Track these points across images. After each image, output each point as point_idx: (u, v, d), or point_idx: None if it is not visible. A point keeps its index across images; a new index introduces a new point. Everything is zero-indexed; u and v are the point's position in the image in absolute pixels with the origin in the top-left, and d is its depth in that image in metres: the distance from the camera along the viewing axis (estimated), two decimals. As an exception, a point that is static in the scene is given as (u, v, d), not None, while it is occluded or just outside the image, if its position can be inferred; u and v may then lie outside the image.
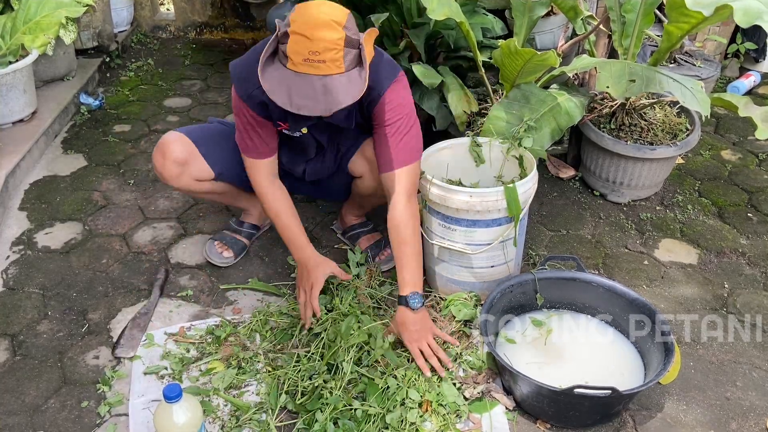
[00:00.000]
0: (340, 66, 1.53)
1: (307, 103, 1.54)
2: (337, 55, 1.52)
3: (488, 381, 1.80)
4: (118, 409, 1.76)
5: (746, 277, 2.27)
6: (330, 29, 1.51)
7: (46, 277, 2.24)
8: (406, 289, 1.82)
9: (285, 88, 1.54)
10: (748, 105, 2.23)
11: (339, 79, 1.54)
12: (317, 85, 1.53)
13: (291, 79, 1.54)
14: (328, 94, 1.53)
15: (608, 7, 2.50)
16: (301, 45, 1.51)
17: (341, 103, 1.54)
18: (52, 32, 2.89)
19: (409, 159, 1.85)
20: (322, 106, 1.54)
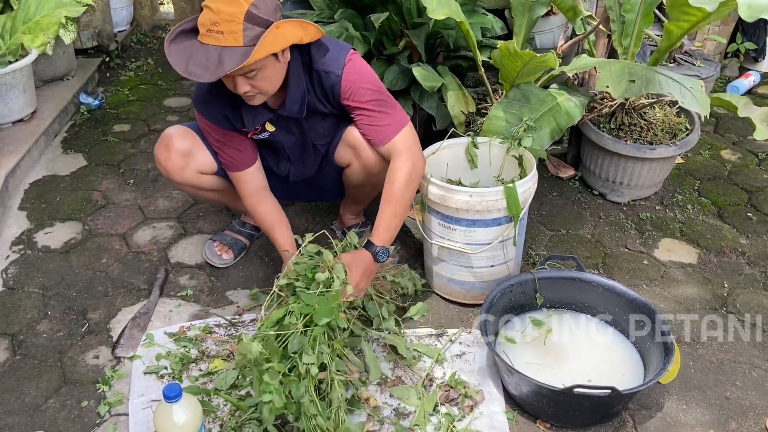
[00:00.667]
0: (239, 39, 1.56)
1: (197, 71, 1.59)
2: (235, 27, 1.55)
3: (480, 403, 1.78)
4: (118, 409, 1.76)
5: (746, 276, 2.28)
6: (231, 3, 1.55)
7: (46, 276, 2.24)
8: (378, 241, 1.85)
9: (186, 57, 1.61)
10: (747, 105, 2.23)
11: (234, 51, 1.57)
12: (213, 55, 1.58)
13: (194, 48, 1.60)
14: (220, 64, 1.57)
15: (608, 6, 2.50)
16: (206, 16, 1.57)
17: (225, 70, 1.56)
18: (51, 32, 2.89)
19: (400, 123, 1.86)
20: (210, 74, 1.57)
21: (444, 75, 2.56)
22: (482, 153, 2.17)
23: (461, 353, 1.93)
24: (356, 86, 1.80)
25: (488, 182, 2.19)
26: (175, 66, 1.61)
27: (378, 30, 2.51)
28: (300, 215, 2.57)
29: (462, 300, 2.12)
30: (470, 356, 1.92)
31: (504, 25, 2.84)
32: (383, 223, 1.86)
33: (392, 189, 1.84)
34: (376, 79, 1.85)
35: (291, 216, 2.54)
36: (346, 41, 2.49)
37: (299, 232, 2.45)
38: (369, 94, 1.82)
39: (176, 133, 2.02)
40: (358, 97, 1.81)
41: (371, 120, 1.85)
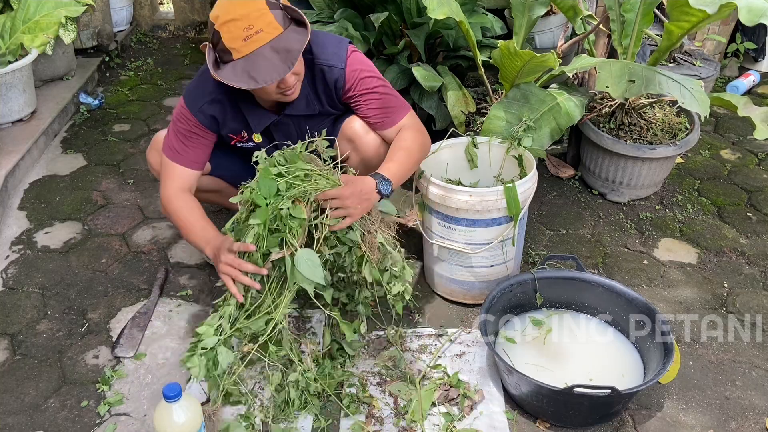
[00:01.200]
0: (278, 27, 1.57)
1: (268, 72, 1.57)
2: (269, 18, 1.56)
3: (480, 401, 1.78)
4: (118, 409, 1.76)
5: (746, 276, 2.28)
6: (247, 2, 1.56)
7: (46, 276, 2.24)
8: (385, 171, 1.74)
9: (244, 74, 1.58)
10: (747, 105, 2.23)
11: (283, 37, 1.58)
12: (268, 53, 1.57)
13: (243, 64, 1.58)
14: (282, 53, 1.57)
15: (607, 6, 2.50)
16: (234, 28, 1.55)
17: (297, 51, 1.56)
18: (51, 32, 2.89)
19: (405, 107, 1.90)
20: (282, 66, 1.57)
21: (444, 75, 2.56)
22: (482, 153, 2.17)
23: (461, 353, 1.93)
24: (361, 75, 1.82)
25: (488, 182, 2.20)
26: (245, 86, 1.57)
27: (378, 30, 2.51)
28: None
29: (462, 300, 2.12)
30: (470, 356, 1.92)
31: (504, 25, 2.84)
32: (394, 160, 1.78)
33: (403, 143, 1.83)
34: (377, 69, 1.88)
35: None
36: (346, 41, 2.49)
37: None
38: (375, 81, 1.84)
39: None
40: (365, 85, 1.83)
41: (380, 103, 1.86)
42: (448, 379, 1.83)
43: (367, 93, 1.84)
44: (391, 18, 2.50)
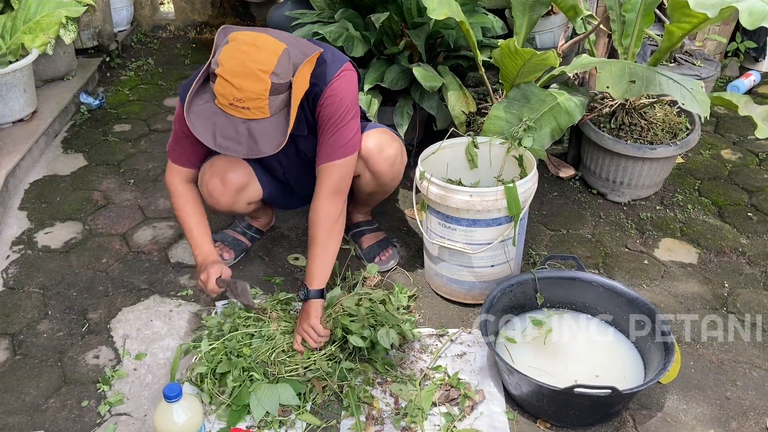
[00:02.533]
0: (265, 112, 1.57)
1: (230, 145, 1.58)
2: (261, 103, 1.55)
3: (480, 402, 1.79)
4: (118, 409, 1.76)
5: (746, 276, 2.28)
6: (255, 80, 1.53)
7: (46, 276, 2.25)
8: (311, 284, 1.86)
9: (210, 125, 1.59)
10: (748, 104, 2.23)
11: (263, 123, 1.58)
12: (241, 128, 1.57)
13: (218, 116, 1.58)
14: (252, 139, 1.58)
15: (608, 6, 2.50)
16: (226, 90, 1.54)
17: (263, 153, 1.58)
18: (52, 32, 2.89)
19: (337, 155, 1.83)
20: (244, 150, 1.58)
21: (444, 75, 2.56)
22: (482, 153, 2.17)
23: (462, 353, 1.93)
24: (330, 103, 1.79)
25: (488, 182, 2.19)
26: (201, 139, 1.59)
27: (378, 30, 2.51)
28: (301, 215, 2.56)
29: (462, 300, 2.12)
30: (470, 356, 1.92)
31: (504, 25, 2.84)
32: (313, 266, 1.86)
33: (317, 232, 1.85)
34: (352, 102, 1.83)
35: (296, 217, 2.55)
36: (346, 41, 2.49)
37: (299, 231, 2.46)
38: (336, 114, 1.80)
39: (230, 166, 1.97)
40: (326, 115, 1.81)
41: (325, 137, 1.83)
42: (449, 380, 1.83)
43: (323, 123, 1.82)
44: (391, 18, 2.50)
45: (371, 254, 2.27)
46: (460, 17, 2.18)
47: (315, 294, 1.85)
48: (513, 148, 2.10)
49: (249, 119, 1.57)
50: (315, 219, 1.86)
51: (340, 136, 1.83)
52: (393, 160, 2.00)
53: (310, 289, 1.85)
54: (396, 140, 2.03)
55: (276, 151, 1.59)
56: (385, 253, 2.27)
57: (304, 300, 1.86)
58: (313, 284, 1.86)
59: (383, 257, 2.26)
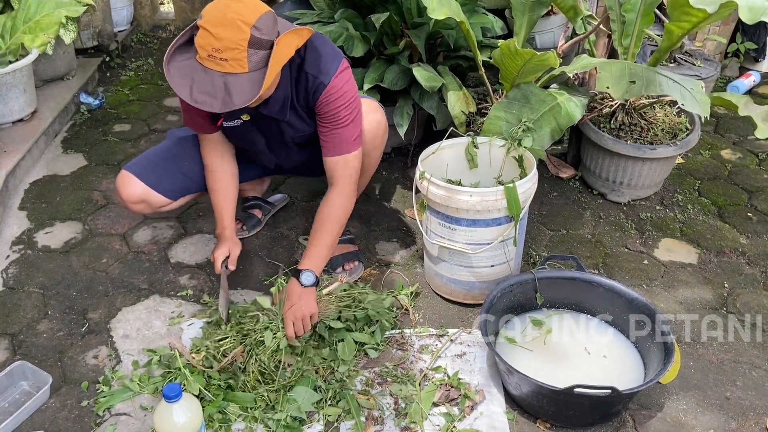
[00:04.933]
0: (244, 66, 1.55)
1: (206, 99, 1.57)
2: (239, 54, 1.53)
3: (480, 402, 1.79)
4: (118, 409, 1.76)
5: (746, 276, 2.28)
6: (233, 29, 1.52)
7: (46, 276, 2.25)
8: (304, 265, 1.85)
9: (188, 80, 1.58)
10: (748, 104, 2.23)
11: (240, 78, 1.56)
12: (218, 81, 1.56)
13: (196, 72, 1.58)
14: (227, 93, 1.56)
15: (608, 6, 2.50)
16: (206, 40, 1.54)
17: (235, 105, 1.56)
18: (51, 32, 2.89)
19: (348, 148, 1.87)
20: (219, 103, 1.57)
21: (444, 75, 2.56)
22: (482, 153, 2.17)
23: (461, 353, 1.93)
24: (335, 98, 1.80)
25: (488, 182, 2.19)
26: (178, 92, 1.59)
27: (378, 30, 2.51)
28: (301, 215, 2.57)
29: (462, 300, 2.12)
30: (470, 356, 1.92)
31: (504, 25, 2.84)
32: (312, 249, 1.88)
33: (326, 220, 1.88)
34: (354, 96, 1.85)
35: (296, 217, 2.55)
36: (346, 41, 2.49)
37: (299, 231, 2.46)
38: (341, 110, 1.82)
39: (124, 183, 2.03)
40: (330, 111, 1.82)
41: (331, 131, 1.85)
42: (449, 380, 1.83)
43: (328, 117, 1.83)
44: (391, 18, 2.50)
45: (334, 264, 2.22)
46: (460, 17, 2.18)
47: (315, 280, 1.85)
48: (513, 149, 2.10)
49: (226, 72, 1.55)
50: (330, 206, 1.89)
51: (351, 128, 1.86)
52: (377, 124, 1.99)
53: (316, 274, 1.84)
54: (380, 110, 2.04)
55: (247, 103, 1.57)
56: (348, 265, 2.22)
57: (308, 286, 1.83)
58: (317, 268, 1.86)
59: (346, 268, 2.22)
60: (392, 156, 2.95)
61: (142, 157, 2.11)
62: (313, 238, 1.90)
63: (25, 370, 1.83)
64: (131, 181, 2.03)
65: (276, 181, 2.75)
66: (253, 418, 1.69)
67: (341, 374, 1.80)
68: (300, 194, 2.70)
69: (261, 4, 1.60)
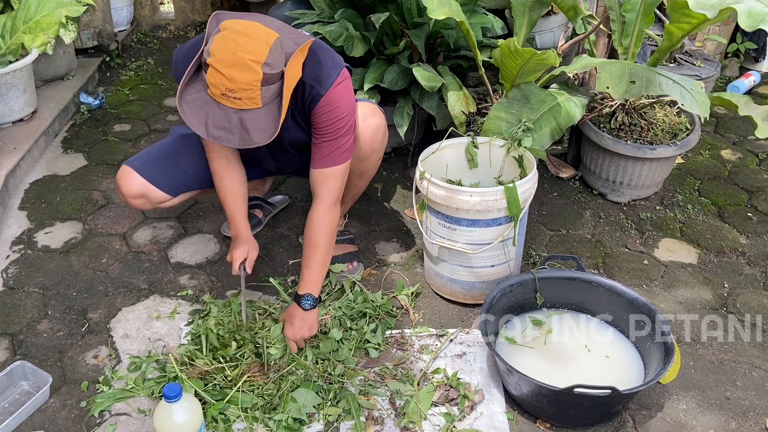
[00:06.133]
0: (258, 102, 1.56)
1: (222, 135, 1.58)
2: (253, 94, 1.54)
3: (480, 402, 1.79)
4: (118, 409, 1.76)
5: (746, 276, 2.28)
6: (246, 70, 1.51)
7: (46, 276, 2.25)
8: (303, 289, 1.88)
9: (203, 115, 1.57)
10: (748, 104, 2.23)
11: (255, 114, 1.57)
12: (233, 118, 1.56)
13: (210, 106, 1.57)
14: (244, 129, 1.57)
15: (608, 6, 2.50)
16: (218, 80, 1.52)
17: (255, 143, 1.57)
18: (52, 32, 2.89)
19: (336, 161, 1.85)
20: (236, 140, 1.58)
21: (444, 75, 2.56)
22: (482, 153, 2.17)
23: (461, 353, 1.93)
24: (330, 110, 1.79)
25: (488, 182, 2.19)
26: (195, 129, 1.58)
27: (378, 30, 2.51)
28: (301, 215, 2.57)
29: (462, 300, 2.12)
30: (470, 356, 1.92)
31: (504, 25, 2.84)
32: (307, 272, 1.89)
33: (316, 238, 1.88)
34: (351, 111, 1.84)
35: (296, 217, 2.55)
36: (346, 41, 2.49)
37: (299, 231, 2.46)
38: (334, 124, 1.80)
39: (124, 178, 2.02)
40: (322, 122, 1.80)
41: (320, 142, 1.84)
42: (449, 380, 1.83)
43: (322, 128, 1.82)
44: (391, 18, 2.50)
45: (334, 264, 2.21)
46: (460, 17, 2.18)
47: (317, 302, 1.89)
48: (513, 149, 2.10)
49: (241, 109, 1.56)
50: (319, 225, 1.88)
51: (342, 142, 1.83)
52: (375, 128, 1.98)
53: (315, 297, 1.88)
54: (379, 113, 2.03)
55: (268, 141, 1.58)
56: (348, 265, 2.23)
57: (309, 309, 1.87)
58: (316, 291, 1.88)
59: (345, 269, 2.22)
60: (392, 156, 2.95)
61: (144, 152, 2.11)
62: (306, 260, 1.89)
63: (25, 370, 1.83)
64: (131, 176, 2.02)
65: (276, 182, 2.75)
66: (253, 419, 1.69)
67: (341, 375, 1.81)
68: (300, 194, 2.70)
69: (267, 33, 1.57)
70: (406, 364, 1.89)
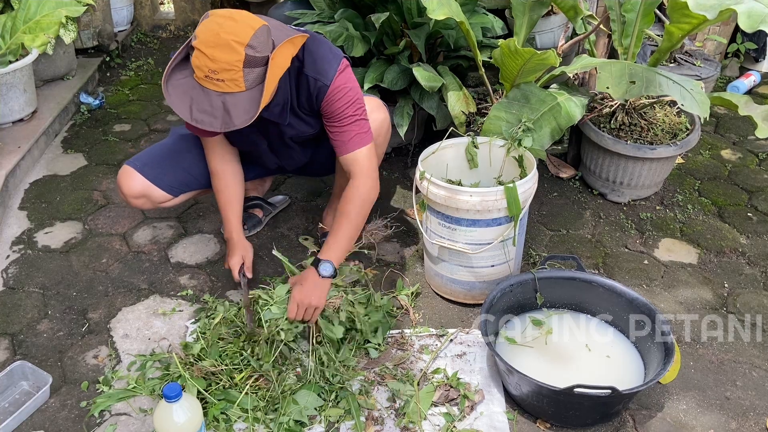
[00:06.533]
0: (240, 85, 1.56)
1: (205, 118, 1.58)
2: (235, 75, 1.54)
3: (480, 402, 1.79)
4: (118, 409, 1.76)
5: (746, 276, 2.28)
6: (228, 50, 1.51)
7: (46, 276, 2.25)
8: (324, 255, 1.83)
9: (188, 99, 1.58)
10: (748, 104, 2.23)
11: (238, 97, 1.57)
12: (216, 101, 1.57)
13: (195, 90, 1.58)
14: (226, 112, 1.57)
15: (608, 6, 2.50)
16: (201, 61, 1.53)
17: (236, 125, 1.58)
18: (52, 32, 2.89)
19: (361, 143, 1.87)
20: (219, 123, 1.58)
21: (444, 75, 2.56)
22: (482, 153, 2.17)
23: (461, 353, 1.93)
24: (339, 98, 1.80)
25: (488, 182, 2.19)
26: (178, 113, 1.59)
27: (378, 30, 2.51)
28: (301, 215, 2.57)
29: (462, 300, 2.12)
30: (470, 356, 1.92)
31: (504, 25, 2.84)
32: (333, 240, 1.86)
33: (348, 207, 1.86)
34: (358, 94, 1.86)
35: (296, 217, 2.55)
36: (346, 41, 2.49)
37: (299, 231, 2.46)
38: (348, 108, 1.82)
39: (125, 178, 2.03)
40: (337, 110, 1.82)
41: (341, 129, 1.85)
42: (449, 380, 1.83)
43: (334, 117, 1.83)
44: (391, 18, 2.50)
45: None
46: (460, 17, 2.18)
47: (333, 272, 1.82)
48: (513, 149, 2.10)
49: (224, 92, 1.56)
50: (352, 195, 1.86)
51: (362, 123, 1.86)
52: (381, 123, 2.00)
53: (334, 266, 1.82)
54: (384, 108, 2.04)
55: (248, 123, 1.58)
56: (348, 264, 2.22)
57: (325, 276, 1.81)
58: (336, 260, 1.83)
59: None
60: (392, 156, 2.95)
61: (145, 152, 2.11)
62: (334, 228, 1.87)
63: (25, 370, 1.83)
64: (132, 176, 2.03)
65: (276, 182, 2.75)
66: (254, 419, 1.69)
67: (341, 375, 1.80)
68: (300, 194, 2.70)
69: (254, 20, 1.59)
70: (406, 364, 1.89)
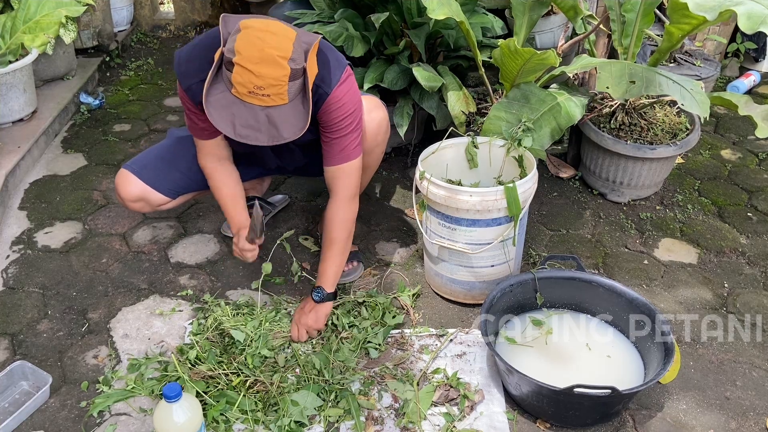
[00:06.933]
0: (284, 98, 1.56)
1: (250, 133, 1.57)
2: (281, 90, 1.54)
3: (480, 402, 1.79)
4: (118, 409, 1.76)
5: (746, 276, 2.28)
6: (274, 66, 1.51)
7: (46, 276, 2.25)
8: (317, 282, 1.96)
9: (229, 116, 1.57)
10: (748, 104, 2.23)
11: (282, 110, 1.57)
12: (261, 115, 1.56)
13: (235, 105, 1.57)
14: (272, 126, 1.57)
15: (608, 6, 2.50)
16: (246, 78, 1.52)
17: (285, 139, 1.58)
18: (51, 32, 2.89)
19: (348, 157, 1.87)
20: (265, 138, 1.58)
21: (444, 75, 2.56)
22: (482, 153, 2.18)
23: (461, 353, 1.93)
24: (337, 108, 1.80)
25: (488, 182, 2.19)
26: (221, 129, 1.58)
27: (378, 30, 2.51)
28: (301, 215, 2.57)
29: (462, 300, 2.12)
30: (470, 356, 1.92)
31: (504, 25, 2.84)
32: (323, 266, 1.95)
33: (333, 234, 1.92)
34: (356, 105, 1.85)
35: (295, 218, 2.55)
36: (346, 41, 2.49)
37: (299, 231, 2.46)
38: (342, 121, 1.81)
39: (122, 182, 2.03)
40: (331, 120, 1.81)
41: (331, 140, 1.85)
42: (448, 380, 1.83)
43: (329, 125, 1.83)
44: (391, 18, 2.50)
45: None
46: (460, 17, 2.18)
47: (329, 297, 1.95)
48: (513, 149, 2.10)
49: (268, 106, 1.56)
50: (335, 220, 1.91)
51: (352, 138, 1.85)
52: (379, 122, 2.00)
53: (327, 292, 1.94)
54: (382, 107, 2.03)
55: (298, 136, 1.59)
56: (348, 265, 2.22)
57: (319, 302, 1.93)
58: (329, 286, 1.94)
59: (345, 268, 2.21)
60: (392, 156, 2.95)
61: (142, 155, 2.11)
62: (323, 254, 1.96)
63: (25, 370, 1.83)
64: (130, 180, 2.03)
65: (276, 182, 2.75)
66: (254, 420, 1.69)
67: (341, 375, 1.81)
68: (300, 194, 2.70)
69: (287, 30, 1.58)
70: (406, 364, 1.89)
